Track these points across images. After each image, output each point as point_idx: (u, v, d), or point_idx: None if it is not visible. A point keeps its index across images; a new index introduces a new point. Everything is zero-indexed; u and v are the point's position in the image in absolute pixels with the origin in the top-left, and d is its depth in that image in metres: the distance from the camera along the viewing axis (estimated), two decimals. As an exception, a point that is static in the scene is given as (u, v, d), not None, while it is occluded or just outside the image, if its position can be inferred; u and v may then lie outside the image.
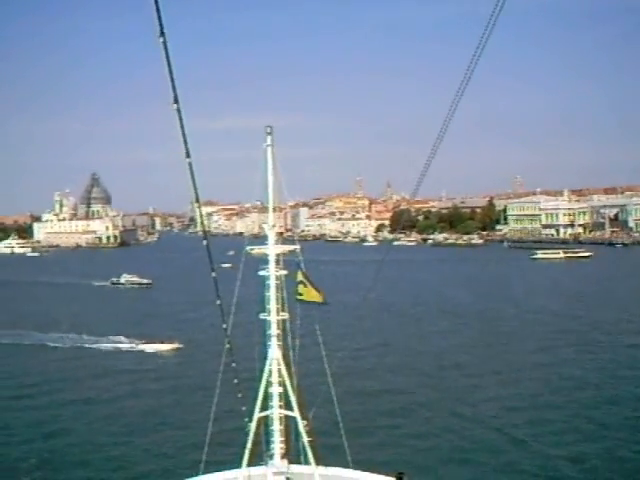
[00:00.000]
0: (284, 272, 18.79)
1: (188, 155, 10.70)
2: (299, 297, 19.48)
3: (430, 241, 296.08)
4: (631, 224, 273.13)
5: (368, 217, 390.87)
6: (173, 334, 75.24)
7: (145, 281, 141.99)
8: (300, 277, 19.30)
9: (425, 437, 42.35)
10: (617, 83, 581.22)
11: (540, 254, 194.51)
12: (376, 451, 36.92)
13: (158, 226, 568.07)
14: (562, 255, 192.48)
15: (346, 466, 20.12)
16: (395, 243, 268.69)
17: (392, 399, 51.04)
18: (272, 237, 18.82)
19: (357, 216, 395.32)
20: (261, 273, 18.66)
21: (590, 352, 65.86)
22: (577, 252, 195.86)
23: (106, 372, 61.90)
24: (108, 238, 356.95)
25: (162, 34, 8.53)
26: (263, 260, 18.66)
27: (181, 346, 70.47)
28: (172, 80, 9.13)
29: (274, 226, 19.01)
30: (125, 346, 73.27)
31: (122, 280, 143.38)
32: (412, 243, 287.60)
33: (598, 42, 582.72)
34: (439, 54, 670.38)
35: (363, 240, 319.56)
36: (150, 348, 71.32)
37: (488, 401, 50.05)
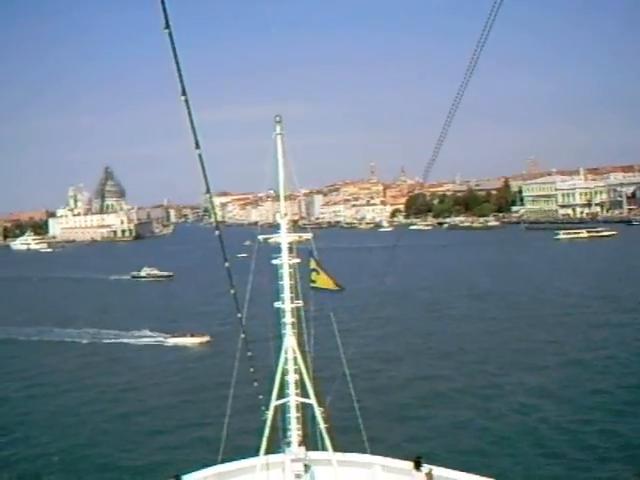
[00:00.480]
0: (297, 260, 18.78)
1: (198, 146, 10.80)
2: (313, 285, 19.45)
3: (446, 225, 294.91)
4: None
5: (383, 202, 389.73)
6: (200, 326, 74.51)
7: (166, 274, 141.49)
8: (313, 264, 19.26)
9: (446, 422, 42.16)
10: (630, 62, 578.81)
11: (563, 234, 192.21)
12: (394, 436, 36.95)
13: (173, 218, 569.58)
14: (585, 235, 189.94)
15: (364, 451, 20.17)
16: (411, 228, 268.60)
17: (410, 384, 51.01)
18: (284, 226, 18.79)
19: (372, 202, 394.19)
20: (274, 262, 18.68)
21: (620, 333, 64.77)
22: (600, 231, 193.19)
23: (134, 367, 61.60)
24: (123, 232, 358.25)
25: (167, 26, 8.58)
26: (277, 249, 18.67)
27: (210, 339, 69.00)
28: (179, 72, 9.21)
29: (286, 215, 18.96)
30: (154, 340, 72.11)
31: (142, 273, 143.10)
32: (428, 227, 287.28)
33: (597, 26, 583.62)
34: (444, 39, 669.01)
35: (378, 226, 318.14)
36: (179, 342, 70.18)
37: (513, 384, 49.71)
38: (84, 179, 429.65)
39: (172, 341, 70.85)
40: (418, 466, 18.43)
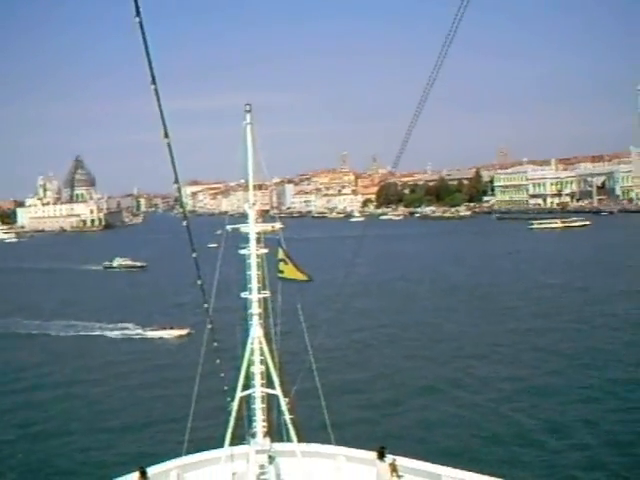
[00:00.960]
0: (265, 250, 18.66)
1: (167, 135, 10.70)
2: (280, 275, 19.34)
3: (417, 214, 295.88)
4: (618, 192, 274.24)
5: (354, 192, 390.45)
6: (179, 319, 72.60)
7: (139, 264, 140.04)
8: (281, 255, 19.15)
9: (413, 413, 42.31)
10: (600, 52, 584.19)
11: (537, 224, 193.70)
12: (360, 427, 37.03)
13: (143, 207, 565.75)
14: (560, 225, 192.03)
15: (328, 442, 20.18)
16: (382, 217, 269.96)
17: (378, 376, 51.01)
18: (252, 215, 18.66)
19: (343, 191, 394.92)
20: (242, 252, 18.54)
21: (594, 324, 65.31)
22: (574, 221, 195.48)
23: (108, 361, 60.14)
24: (93, 221, 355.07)
25: (138, 14, 8.41)
26: (246, 239, 18.55)
27: (191, 331, 65.01)
28: (149, 61, 9.12)
29: (254, 204, 18.83)
30: (132, 333, 70.74)
31: (115, 264, 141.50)
32: (399, 217, 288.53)
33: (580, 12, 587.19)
34: (416, 29, 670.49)
35: (349, 215, 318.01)
36: (159, 335, 68.82)
37: (485, 374, 50.01)
38: (54, 168, 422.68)
39: (151, 334, 69.51)
40: (382, 456, 18.48)
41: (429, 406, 43.25)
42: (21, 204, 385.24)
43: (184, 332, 67.52)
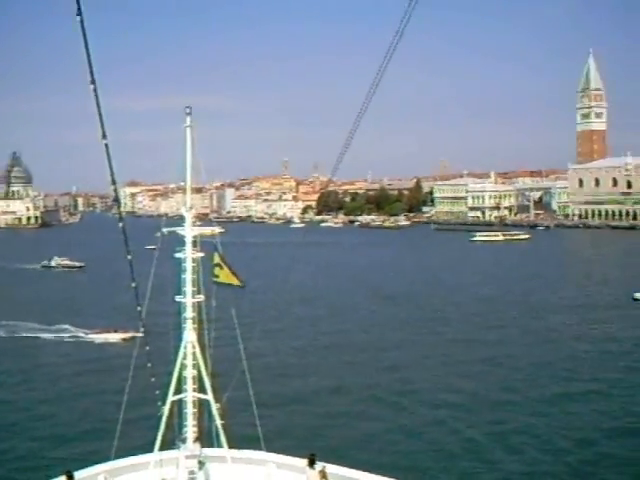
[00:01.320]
0: (201, 254, 18.63)
1: (104, 136, 10.66)
2: (215, 279, 19.32)
3: (357, 223, 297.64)
4: (554, 207, 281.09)
5: (295, 198, 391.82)
6: (120, 320, 67.06)
7: (77, 264, 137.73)
8: (217, 259, 19.13)
9: (339, 420, 42.14)
10: (541, 69, 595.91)
11: (479, 236, 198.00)
12: (289, 433, 36.93)
13: (81, 207, 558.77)
14: (501, 237, 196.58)
15: (259, 449, 20.14)
16: (322, 225, 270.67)
17: (312, 383, 50.73)
18: (189, 219, 18.63)
19: (284, 197, 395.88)
20: (177, 255, 18.47)
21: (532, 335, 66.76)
22: (516, 235, 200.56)
23: (46, 364, 57.76)
24: (29, 219, 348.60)
25: (79, 13, 8.30)
26: (182, 242, 18.49)
27: (136, 335, 56.98)
28: (89, 61, 9.07)
29: (191, 208, 18.80)
30: (71, 335, 67.78)
31: (53, 263, 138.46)
32: (339, 225, 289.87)
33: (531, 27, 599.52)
34: (363, 33, 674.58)
35: (290, 221, 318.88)
36: (101, 338, 65.89)
37: (422, 384, 50.05)
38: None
39: (93, 337, 66.73)
40: (312, 463, 18.51)
41: (368, 415, 43.20)
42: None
43: (128, 335, 63.36)
